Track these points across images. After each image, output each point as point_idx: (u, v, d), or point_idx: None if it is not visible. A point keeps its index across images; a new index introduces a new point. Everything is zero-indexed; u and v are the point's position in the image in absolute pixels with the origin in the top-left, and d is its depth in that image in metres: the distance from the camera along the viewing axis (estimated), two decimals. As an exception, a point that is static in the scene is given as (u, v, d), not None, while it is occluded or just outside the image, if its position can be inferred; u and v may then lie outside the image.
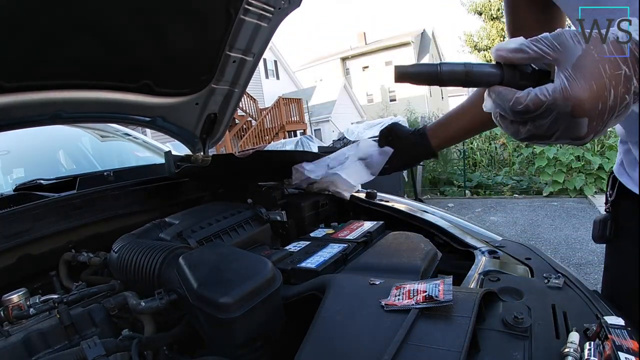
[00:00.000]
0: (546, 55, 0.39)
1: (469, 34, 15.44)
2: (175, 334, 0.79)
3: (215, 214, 1.16)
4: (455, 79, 0.43)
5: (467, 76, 0.43)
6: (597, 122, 0.38)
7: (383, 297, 0.67)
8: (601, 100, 0.37)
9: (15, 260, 1.03)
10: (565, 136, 0.40)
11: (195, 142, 1.58)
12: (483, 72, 0.43)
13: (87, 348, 0.64)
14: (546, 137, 0.41)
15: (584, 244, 3.71)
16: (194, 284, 0.73)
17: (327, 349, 0.59)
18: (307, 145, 9.24)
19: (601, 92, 0.37)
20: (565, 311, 0.64)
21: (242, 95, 1.48)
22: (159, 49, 1.17)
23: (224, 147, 13.44)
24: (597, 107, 0.37)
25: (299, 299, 0.81)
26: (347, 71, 30.00)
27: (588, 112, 0.37)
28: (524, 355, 0.53)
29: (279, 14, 1.23)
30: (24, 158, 1.92)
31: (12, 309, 0.81)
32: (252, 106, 15.74)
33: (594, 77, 0.37)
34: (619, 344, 0.47)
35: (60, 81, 1.10)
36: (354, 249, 1.02)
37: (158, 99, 1.33)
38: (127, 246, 0.95)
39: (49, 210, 1.12)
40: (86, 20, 0.97)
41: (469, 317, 0.57)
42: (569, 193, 5.72)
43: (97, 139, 2.22)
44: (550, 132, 0.40)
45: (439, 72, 0.43)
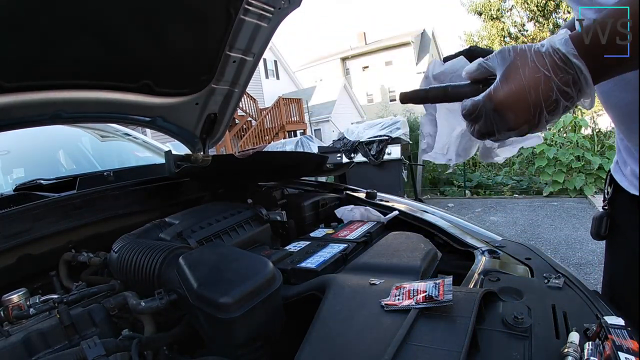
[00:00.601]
0: (492, 69, 0.49)
1: (469, 33, 15.43)
2: (175, 334, 0.79)
3: (215, 214, 1.16)
4: (437, 96, 0.56)
5: (445, 93, 0.55)
6: (526, 115, 0.46)
7: (383, 297, 0.67)
8: (521, 97, 0.45)
9: (15, 260, 1.03)
10: (503, 129, 0.48)
11: (195, 142, 1.58)
12: (457, 90, 0.54)
13: (87, 348, 0.64)
14: (491, 132, 0.50)
15: (584, 244, 3.71)
16: (194, 284, 0.73)
17: (327, 349, 0.59)
18: (307, 145, 9.24)
19: (520, 91, 0.45)
20: (565, 311, 0.64)
21: (242, 95, 1.48)
22: (159, 49, 1.17)
23: (224, 147, 13.44)
24: (518, 103, 0.46)
25: (299, 299, 0.81)
26: (347, 71, 29.99)
27: (509, 107, 0.46)
28: (524, 355, 0.53)
29: (279, 14, 1.23)
30: (24, 158, 1.92)
31: (12, 309, 0.81)
32: (252, 106, 15.74)
33: (513, 81, 0.46)
34: (619, 344, 0.47)
35: (60, 81, 1.10)
36: (354, 249, 1.02)
37: (158, 99, 1.33)
38: (127, 246, 0.95)
39: (49, 210, 1.12)
40: (86, 20, 0.97)
41: (469, 317, 0.57)
42: (569, 193, 5.72)
43: (97, 139, 2.22)
44: (491, 128, 0.49)
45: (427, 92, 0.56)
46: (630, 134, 0.64)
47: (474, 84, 0.53)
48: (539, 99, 0.45)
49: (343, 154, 5.80)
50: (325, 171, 1.43)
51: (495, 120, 0.48)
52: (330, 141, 7.02)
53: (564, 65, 0.44)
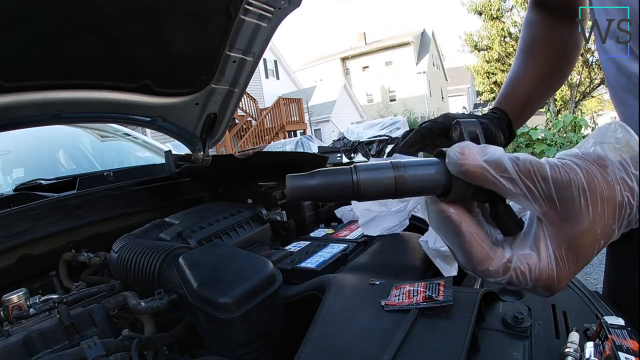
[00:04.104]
0: (536, 206, 0.29)
1: (469, 33, 15.43)
2: (175, 334, 0.79)
3: (215, 214, 1.16)
4: (379, 192, 0.30)
5: (396, 186, 0.30)
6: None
7: (383, 297, 0.67)
8: (576, 273, 0.31)
9: (15, 260, 1.03)
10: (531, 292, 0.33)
11: (195, 142, 1.58)
12: (418, 180, 0.30)
13: (87, 348, 0.64)
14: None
15: (584, 244, 3.72)
16: (193, 284, 0.73)
17: (327, 349, 0.59)
18: (307, 145, 9.25)
19: (580, 269, 0.31)
20: (565, 311, 0.64)
21: (242, 95, 1.48)
22: (159, 49, 1.17)
23: (224, 147, 13.44)
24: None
25: (299, 299, 0.81)
26: (347, 71, 30.01)
27: (562, 289, 0.31)
28: (524, 355, 0.53)
29: (279, 14, 1.23)
30: (24, 158, 1.92)
31: (12, 309, 0.81)
32: (252, 106, 15.74)
33: (584, 262, 0.30)
34: (619, 344, 0.47)
35: (60, 81, 1.10)
36: (354, 249, 1.02)
37: (158, 99, 1.33)
38: (127, 246, 0.95)
39: (49, 210, 1.12)
40: (86, 21, 0.97)
41: (469, 317, 0.57)
42: (569, 193, 5.73)
43: (97, 139, 2.22)
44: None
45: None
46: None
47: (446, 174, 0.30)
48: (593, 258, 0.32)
49: (343, 154, 5.81)
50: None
51: (534, 292, 0.32)
52: (330, 141, 7.02)
53: (635, 223, 0.31)
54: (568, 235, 0.29)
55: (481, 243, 0.30)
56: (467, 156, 0.29)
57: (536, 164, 0.29)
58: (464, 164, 0.29)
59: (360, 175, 0.29)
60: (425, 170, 0.30)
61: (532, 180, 0.28)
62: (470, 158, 0.29)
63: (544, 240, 0.30)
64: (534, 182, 0.28)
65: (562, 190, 0.28)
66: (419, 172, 0.30)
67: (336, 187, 0.30)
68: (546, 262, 0.30)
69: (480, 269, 0.31)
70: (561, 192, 0.28)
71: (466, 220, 0.31)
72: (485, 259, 0.31)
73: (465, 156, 0.29)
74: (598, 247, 0.30)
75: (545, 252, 0.30)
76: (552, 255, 0.29)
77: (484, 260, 0.31)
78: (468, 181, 0.30)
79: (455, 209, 0.31)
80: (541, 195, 0.28)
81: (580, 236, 0.29)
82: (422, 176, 0.30)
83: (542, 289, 0.31)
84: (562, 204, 0.28)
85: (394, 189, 0.30)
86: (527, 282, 0.30)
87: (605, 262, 0.83)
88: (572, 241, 0.29)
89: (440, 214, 0.31)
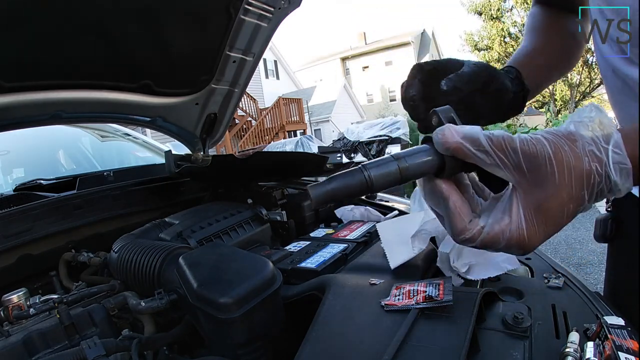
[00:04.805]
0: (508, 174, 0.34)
1: (469, 33, 15.43)
2: (175, 334, 0.79)
3: (215, 214, 1.16)
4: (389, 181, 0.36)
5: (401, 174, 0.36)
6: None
7: (383, 297, 0.67)
8: (551, 236, 0.35)
9: (15, 260, 1.03)
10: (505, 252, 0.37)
11: (195, 142, 1.58)
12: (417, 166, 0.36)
13: (87, 348, 0.64)
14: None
15: (584, 244, 3.71)
16: (193, 284, 0.73)
17: (327, 349, 0.59)
18: (307, 145, 9.25)
19: (555, 232, 0.35)
20: (565, 311, 0.64)
21: (242, 95, 1.48)
22: (159, 49, 1.17)
23: (224, 147, 13.44)
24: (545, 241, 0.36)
25: (299, 299, 0.81)
26: (347, 71, 30.00)
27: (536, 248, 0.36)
28: (524, 355, 0.53)
29: (279, 14, 1.23)
30: (24, 158, 1.92)
31: (12, 309, 0.81)
32: (252, 106, 15.74)
33: (554, 223, 0.34)
34: (619, 344, 0.47)
35: (60, 81, 1.10)
36: (354, 249, 1.02)
37: (158, 99, 1.33)
38: (127, 246, 0.95)
39: (49, 210, 1.12)
40: (86, 21, 0.97)
41: (469, 317, 0.57)
42: (569, 193, 5.73)
43: (97, 139, 2.21)
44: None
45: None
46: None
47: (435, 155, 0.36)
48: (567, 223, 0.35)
49: (343, 154, 5.81)
50: (325, 171, 1.43)
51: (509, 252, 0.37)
52: (330, 141, 7.02)
53: (608, 193, 0.34)
54: (536, 200, 0.33)
55: (462, 216, 0.36)
56: (447, 136, 0.35)
57: (507, 138, 0.34)
58: (445, 141, 0.35)
59: (371, 172, 0.35)
60: (421, 156, 0.36)
61: (504, 152, 0.33)
62: (449, 137, 0.34)
63: (516, 204, 0.34)
64: (505, 154, 0.33)
65: (530, 160, 0.33)
66: (417, 159, 0.36)
67: (352, 187, 0.35)
68: (517, 223, 0.34)
69: (458, 238, 0.37)
70: (529, 162, 0.33)
71: (453, 196, 0.36)
72: (463, 230, 0.36)
73: (446, 136, 0.35)
74: (567, 212, 0.34)
75: (517, 214, 0.34)
76: (522, 217, 0.34)
77: (463, 231, 0.36)
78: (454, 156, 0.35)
79: (446, 185, 0.37)
80: (512, 164, 0.33)
81: (548, 200, 0.33)
82: (420, 161, 0.36)
83: (515, 248, 0.35)
84: (530, 172, 0.33)
85: (400, 177, 0.36)
86: (499, 242, 0.35)
87: (607, 264, 0.83)
88: (540, 205, 0.33)
89: (434, 190, 0.37)
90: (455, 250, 0.78)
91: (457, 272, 0.77)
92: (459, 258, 0.78)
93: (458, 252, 0.78)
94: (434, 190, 0.37)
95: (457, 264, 0.77)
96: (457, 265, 0.77)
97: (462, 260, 0.77)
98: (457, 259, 0.78)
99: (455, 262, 0.77)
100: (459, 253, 0.78)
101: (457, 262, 0.77)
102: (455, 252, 0.78)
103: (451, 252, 0.77)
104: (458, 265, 0.77)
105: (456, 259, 0.78)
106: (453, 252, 0.78)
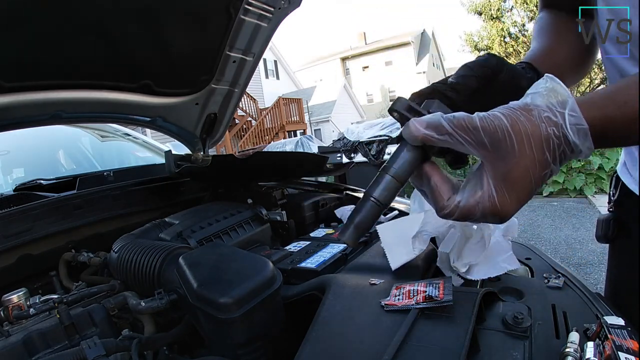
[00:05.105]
0: (473, 150, 0.37)
1: (469, 33, 15.41)
2: (175, 334, 0.78)
3: (215, 214, 1.16)
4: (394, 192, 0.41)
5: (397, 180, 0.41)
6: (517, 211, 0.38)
7: (383, 297, 0.67)
8: (526, 201, 0.38)
9: (15, 260, 1.03)
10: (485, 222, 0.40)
11: (195, 142, 1.58)
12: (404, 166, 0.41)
13: (87, 348, 0.64)
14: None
15: (584, 244, 3.71)
16: (193, 284, 0.73)
17: (327, 349, 0.59)
18: (307, 145, 9.24)
19: (528, 197, 0.37)
20: (565, 311, 0.64)
21: (242, 95, 1.48)
22: (159, 49, 1.17)
23: (224, 147, 13.44)
24: (521, 207, 0.38)
25: (299, 299, 0.81)
26: (347, 71, 30.00)
27: (512, 216, 0.38)
28: (524, 355, 0.53)
29: (279, 14, 1.23)
30: (24, 158, 1.92)
31: (12, 309, 0.81)
32: (252, 106, 15.74)
33: (523, 189, 0.36)
34: (619, 344, 0.47)
35: (60, 81, 1.10)
36: (354, 249, 1.02)
37: (158, 99, 1.33)
38: (127, 246, 0.95)
39: (49, 210, 1.12)
40: (87, 21, 0.97)
41: (469, 317, 0.57)
42: (568, 193, 5.71)
43: (97, 139, 2.21)
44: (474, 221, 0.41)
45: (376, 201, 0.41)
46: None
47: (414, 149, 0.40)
48: (538, 189, 0.38)
49: (343, 154, 5.80)
50: (325, 171, 1.43)
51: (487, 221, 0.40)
52: (330, 141, 7.02)
53: (571, 154, 0.37)
54: (502, 170, 0.36)
55: (441, 194, 0.40)
56: (412, 131, 0.39)
57: (467, 118, 0.37)
58: (412, 136, 0.39)
59: (375, 194, 0.41)
60: (403, 157, 0.41)
61: (465, 131, 0.36)
62: (415, 131, 0.39)
63: (486, 177, 0.37)
64: (467, 132, 0.36)
65: (490, 135, 0.36)
66: (401, 161, 0.41)
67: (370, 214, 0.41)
68: (488, 193, 0.37)
69: (440, 213, 0.40)
70: (490, 137, 0.36)
71: (434, 176, 0.41)
72: (443, 207, 0.40)
73: (411, 131, 0.39)
74: (534, 177, 0.36)
75: (487, 185, 0.37)
76: (492, 187, 0.37)
77: (443, 207, 0.40)
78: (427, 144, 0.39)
79: (428, 166, 0.41)
80: (474, 141, 0.36)
81: (512, 169, 0.36)
82: (404, 161, 0.41)
83: (491, 216, 0.38)
84: (492, 145, 0.36)
85: (398, 184, 0.41)
86: (475, 213, 0.38)
87: (609, 265, 0.83)
88: (506, 173, 0.36)
89: (418, 171, 0.42)
90: (455, 250, 0.78)
91: (457, 272, 0.78)
92: (459, 258, 0.78)
93: (458, 252, 0.78)
94: (418, 172, 0.42)
95: (457, 264, 0.77)
96: (457, 265, 0.77)
97: (462, 260, 0.77)
98: (457, 259, 0.78)
99: (455, 262, 0.77)
100: (459, 253, 0.78)
101: (457, 262, 0.77)
102: (455, 252, 0.78)
103: (451, 252, 0.77)
104: (458, 265, 0.77)
105: (456, 259, 0.78)
106: (453, 252, 0.77)
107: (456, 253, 0.78)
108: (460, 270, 0.77)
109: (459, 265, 0.77)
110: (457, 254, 0.78)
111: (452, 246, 0.77)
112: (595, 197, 5.38)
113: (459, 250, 0.78)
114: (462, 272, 0.77)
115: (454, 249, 0.77)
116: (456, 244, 0.77)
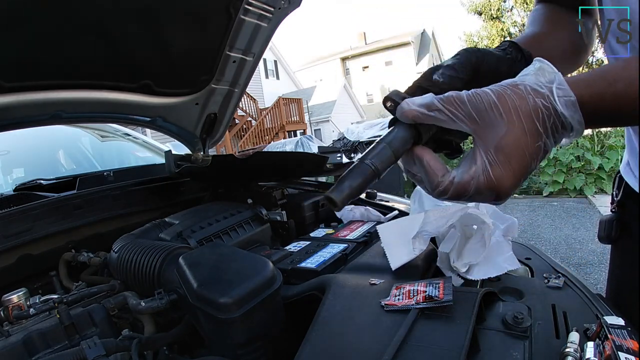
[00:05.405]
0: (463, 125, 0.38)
1: (469, 34, 15.42)
2: (175, 334, 0.78)
3: (215, 214, 1.16)
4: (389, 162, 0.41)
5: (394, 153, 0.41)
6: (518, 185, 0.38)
7: (383, 297, 0.67)
8: (523, 176, 0.37)
9: (15, 260, 1.03)
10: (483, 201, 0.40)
11: (195, 142, 1.58)
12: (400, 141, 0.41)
13: (87, 348, 0.64)
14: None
15: (584, 244, 3.71)
16: (193, 284, 0.73)
17: (327, 349, 0.59)
18: (307, 145, 9.25)
19: (524, 171, 0.37)
20: (565, 311, 0.64)
21: (242, 95, 1.48)
22: (159, 49, 1.17)
23: (224, 147, 13.44)
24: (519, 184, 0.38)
25: (299, 299, 0.81)
26: (347, 71, 30.00)
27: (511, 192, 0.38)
28: (524, 355, 0.53)
29: (279, 14, 1.23)
30: (24, 158, 1.92)
31: (12, 309, 0.81)
32: (252, 106, 15.74)
33: (518, 161, 0.37)
34: (619, 344, 0.47)
35: (60, 81, 1.10)
36: (354, 249, 1.02)
37: (158, 99, 1.33)
38: (127, 246, 0.95)
39: (49, 210, 1.12)
40: (86, 21, 0.96)
41: (469, 317, 0.57)
42: (569, 193, 5.72)
43: (97, 139, 2.21)
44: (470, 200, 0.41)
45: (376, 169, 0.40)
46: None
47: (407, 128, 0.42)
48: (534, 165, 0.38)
49: (343, 154, 5.80)
50: (325, 171, 1.43)
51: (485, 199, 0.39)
52: (330, 141, 7.02)
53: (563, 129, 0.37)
54: (492, 140, 0.37)
55: (435, 172, 0.40)
56: (405, 109, 0.40)
57: (456, 94, 0.38)
58: (404, 113, 0.40)
59: (373, 160, 0.40)
60: (398, 133, 0.42)
61: (454, 106, 0.38)
62: (407, 109, 0.40)
63: (478, 151, 0.38)
64: (455, 107, 0.38)
65: (478, 108, 0.37)
66: (397, 136, 0.42)
67: (365, 178, 0.40)
68: (481, 167, 0.37)
69: (435, 192, 0.40)
70: (477, 110, 0.37)
71: (426, 156, 0.41)
72: (437, 184, 0.40)
73: (404, 109, 0.40)
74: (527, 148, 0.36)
75: (480, 159, 0.37)
76: (485, 160, 0.37)
77: (437, 185, 0.40)
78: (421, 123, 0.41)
79: (420, 148, 0.42)
80: (463, 115, 0.38)
81: (503, 139, 0.36)
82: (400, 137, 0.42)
83: (487, 191, 0.37)
84: (480, 118, 0.37)
85: (393, 157, 0.41)
86: (469, 189, 0.38)
87: (611, 265, 0.82)
88: (497, 144, 0.37)
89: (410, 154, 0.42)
90: (455, 250, 0.78)
91: (457, 272, 0.78)
92: (459, 258, 0.78)
93: (458, 252, 0.78)
94: (410, 155, 0.42)
95: (457, 264, 0.77)
96: (457, 265, 0.77)
97: (462, 260, 0.77)
98: (457, 259, 0.78)
99: (455, 262, 0.77)
100: (459, 253, 0.78)
101: (457, 262, 0.77)
102: (456, 252, 0.78)
103: (451, 252, 0.77)
104: (458, 265, 0.77)
105: (456, 259, 0.78)
106: (453, 252, 0.77)
107: (456, 253, 0.78)
108: (460, 270, 0.77)
109: (459, 265, 0.77)
110: (457, 254, 0.78)
111: (452, 246, 0.77)
112: (595, 197, 5.38)
113: (459, 250, 0.78)
114: (462, 272, 0.77)
115: (454, 249, 0.77)
116: (456, 244, 0.77)
